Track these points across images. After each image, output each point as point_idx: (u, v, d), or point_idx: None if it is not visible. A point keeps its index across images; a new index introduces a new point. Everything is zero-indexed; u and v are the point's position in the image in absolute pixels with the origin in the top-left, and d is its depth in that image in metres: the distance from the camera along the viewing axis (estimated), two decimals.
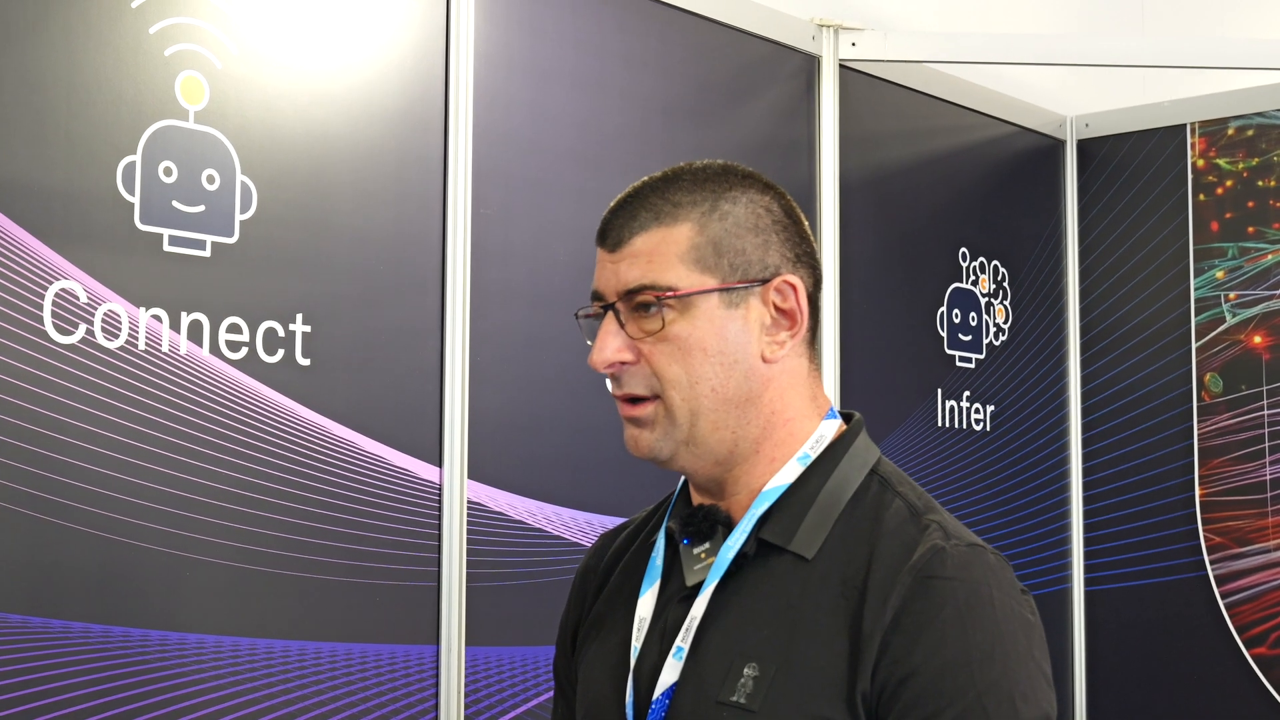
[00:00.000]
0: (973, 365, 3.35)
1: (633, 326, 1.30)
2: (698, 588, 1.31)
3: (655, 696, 1.28)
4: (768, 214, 1.33)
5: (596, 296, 1.33)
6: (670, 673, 1.28)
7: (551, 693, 2.42)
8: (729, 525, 1.32)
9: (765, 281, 1.31)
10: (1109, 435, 3.53)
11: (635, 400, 1.32)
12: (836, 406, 1.41)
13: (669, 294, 1.28)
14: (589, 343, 1.33)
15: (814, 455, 1.33)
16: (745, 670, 1.25)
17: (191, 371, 2.01)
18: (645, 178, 1.34)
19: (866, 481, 1.33)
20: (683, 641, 1.29)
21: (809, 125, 2.99)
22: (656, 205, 1.30)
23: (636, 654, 1.33)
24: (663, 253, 1.29)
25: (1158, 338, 3.47)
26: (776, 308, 1.31)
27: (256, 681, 2.06)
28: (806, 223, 1.37)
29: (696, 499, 1.37)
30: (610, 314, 1.31)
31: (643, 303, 1.29)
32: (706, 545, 1.33)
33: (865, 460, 1.34)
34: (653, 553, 1.38)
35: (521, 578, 2.39)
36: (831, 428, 1.36)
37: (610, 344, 1.30)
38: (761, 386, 1.31)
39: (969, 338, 3.35)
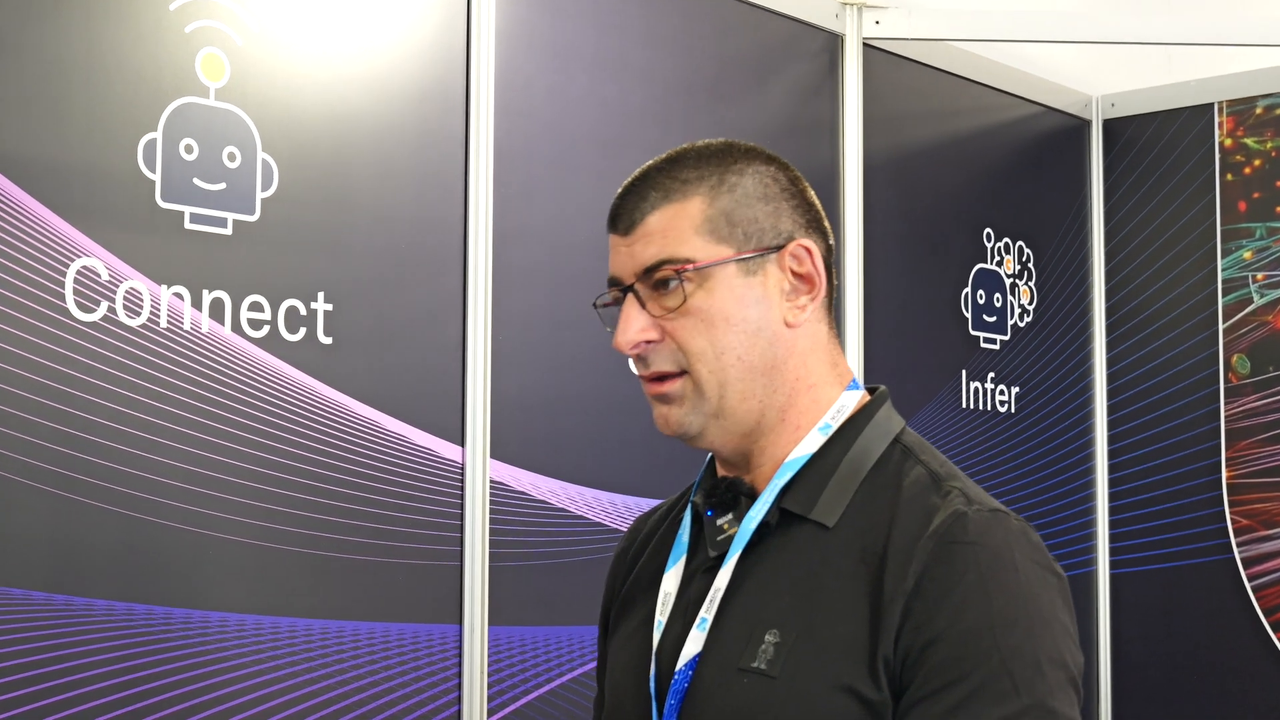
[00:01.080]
0: (997, 346, 3.34)
1: (654, 305, 1.30)
2: (721, 559, 1.31)
3: (679, 667, 1.29)
4: (775, 183, 1.34)
5: (613, 282, 1.34)
6: (694, 644, 1.28)
7: (575, 672, 2.42)
8: (753, 496, 1.33)
9: (780, 248, 1.32)
10: (1135, 417, 3.51)
11: (662, 378, 1.32)
12: (860, 381, 1.40)
13: (688, 266, 1.28)
14: (609, 330, 1.34)
15: (835, 425, 1.34)
16: (766, 637, 1.25)
17: (213, 350, 2.01)
18: (648, 162, 1.35)
19: (889, 450, 1.33)
20: (706, 612, 1.29)
21: (832, 105, 2.98)
22: (664, 184, 1.31)
23: (660, 629, 1.33)
24: (677, 227, 1.30)
25: (1184, 319, 3.44)
26: (794, 273, 1.32)
27: (278, 660, 2.06)
28: (812, 192, 1.39)
29: (722, 473, 1.38)
30: (630, 295, 1.31)
31: (661, 279, 1.29)
32: (729, 516, 1.33)
33: (888, 430, 1.35)
34: (679, 529, 1.39)
35: (544, 558, 2.39)
36: (853, 399, 1.36)
37: (633, 324, 1.30)
38: (786, 353, 1.32)
39: (994, 319, 3.33)
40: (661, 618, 1.34)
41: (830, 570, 1.26)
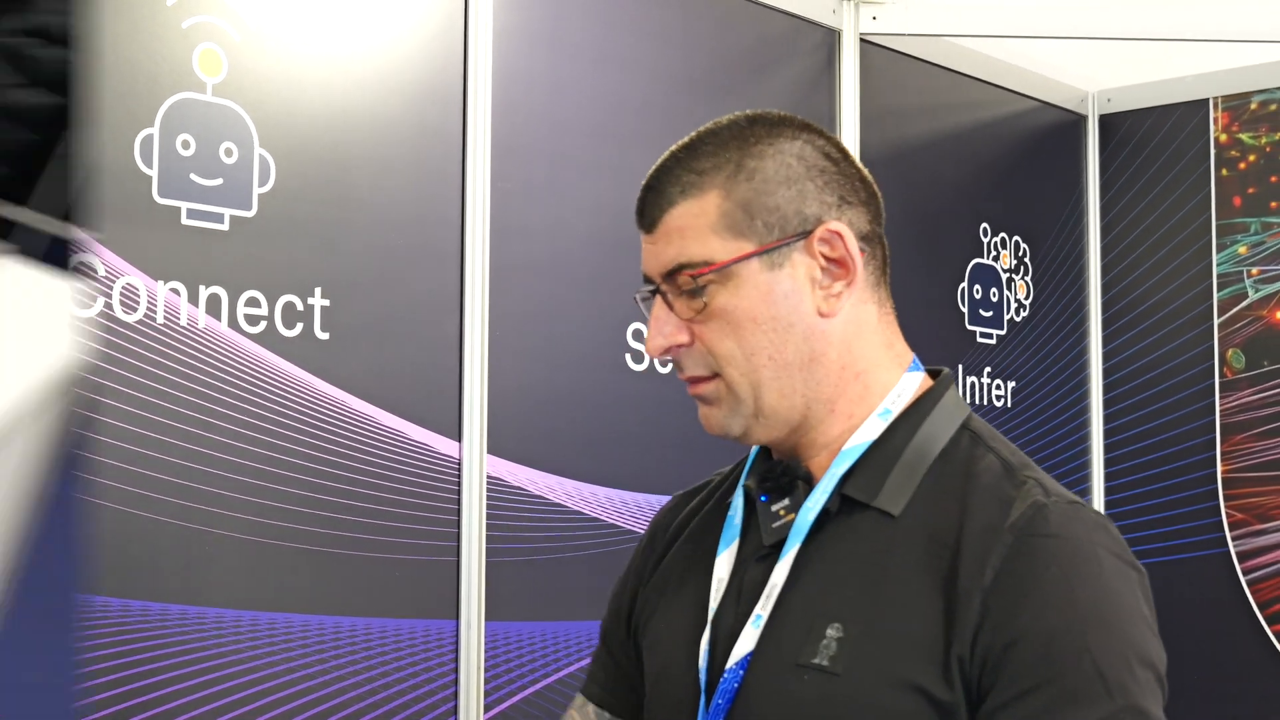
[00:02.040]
0: (994, 341, 3.34)
1: (680, 306, 1.24)
2: (776, 547, 1.24)
3: (729, 666, 1.22)
4: (800, 161, 1.26)
5: (646, 279, 1.27)
6: (747, 641, 1.22)
7: (572, 667, 2.41)
8: (809, 481, 1.26)
9: (806, 234, 1.24)
10: (1130, 412, 3.51)
11: (696, 380, 1.26)
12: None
13: (706, 269, 1.21)
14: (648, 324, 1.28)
15: (895, 411, 1.27)
16: (828, 631, 1.18)
17: (210, 345, 2.01)
18: (673, 146, 1.27)
19: (957, 437, 1.26)
20: (762, 609, 1.22)
21: (830, 99, 2.97)
22: (681, 178, 1.24)
23: (713, 615, 1.27)
24: (694, 227, 1.23)
25: (1180, 314, 3.45)
26: (826, 258, 1.25)
27: (275, 656, 2.05)
28: (854, 159, 1.31)
29: (776, 455, 1.31)
30: (658, 298, 1.25)
31: (685, 282, 1.23)
32: (786, 501, 1.26)
33: (955, 415, 1.28)
34: (729, 512, 1.32)
35: (542, 553, 2.39)
36: (914, 381, 1.29)
37: (662, 329, 1.24)
38: (824, 344, 1.24)
39: (990, 314, 3.33)
40: (714, 603, 1.27)
41: (896, 561, 1.19)
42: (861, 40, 3.01)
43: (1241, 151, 3.38)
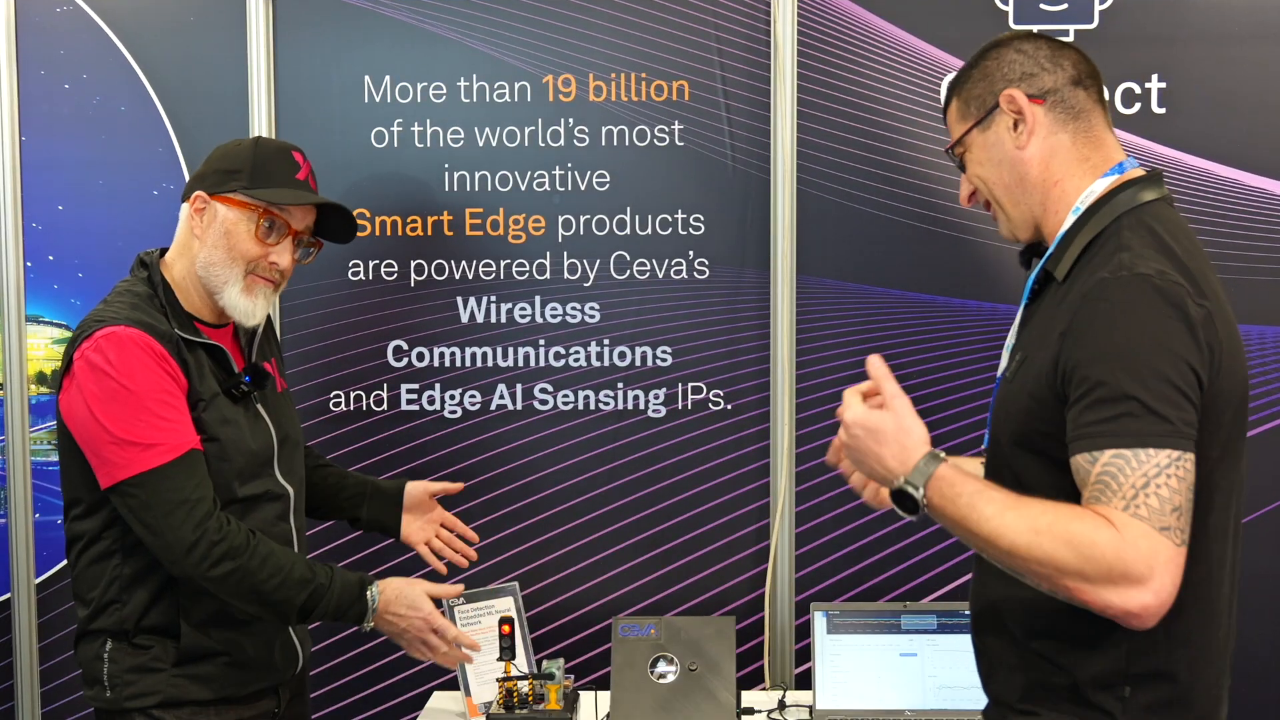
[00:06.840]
0: None
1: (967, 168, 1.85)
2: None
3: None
4: (996, 61, 1.76)
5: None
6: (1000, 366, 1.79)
7: None
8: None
9: (995, 106, 1.74)
10: None
11: (986, 206, 1.83)
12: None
13: (953, 144, 1.80)
14: None
15: (1083, 207, 1.68)
16: (1016, 356, 1.68)
17: None
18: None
19: (1114, 223, 1.63)
20: (1011, 339, 1.76)
21: None
22: (950, 90, 1.83)
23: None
24: (951, 120, 1.81)
25: None
26: (1013, 112, 1.72)
27: None
28: (1053, 40, 1.77)
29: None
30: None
31: (956, 152, 1.82)
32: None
33: (1119, 208, 1.64)
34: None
35: None
36: (1105, 183, 1.68)
37: (962, 186, 1.88)
38: (1025, 168, 1.72)
39: None
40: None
41: (1056, 311, 1.62)
42: None
43: None
